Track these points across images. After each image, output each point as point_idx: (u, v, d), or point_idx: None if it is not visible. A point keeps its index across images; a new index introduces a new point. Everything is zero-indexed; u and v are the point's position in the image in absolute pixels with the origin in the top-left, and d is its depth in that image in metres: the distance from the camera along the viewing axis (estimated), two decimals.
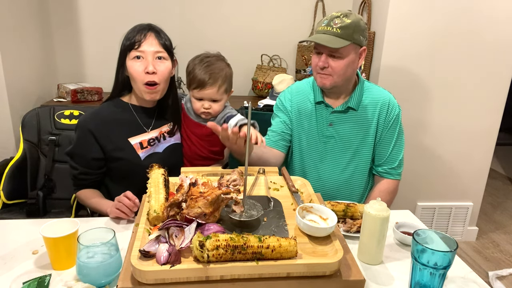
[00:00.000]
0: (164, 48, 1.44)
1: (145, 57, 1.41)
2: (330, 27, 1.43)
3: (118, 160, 1.47)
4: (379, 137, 1.58)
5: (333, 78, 1.47)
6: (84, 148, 1.45)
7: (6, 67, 2.17)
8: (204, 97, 1.54)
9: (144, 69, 1.40)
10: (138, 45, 1.40)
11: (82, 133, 1.44)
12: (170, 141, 1.58)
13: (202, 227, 0.95)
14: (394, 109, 1.58)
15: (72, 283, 0.94)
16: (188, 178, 1.04)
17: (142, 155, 1.49)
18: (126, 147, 1.47)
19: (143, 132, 1.52)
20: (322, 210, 1.07)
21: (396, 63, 2.36)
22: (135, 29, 1.44)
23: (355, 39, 1.42)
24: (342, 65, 1.45)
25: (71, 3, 2.69)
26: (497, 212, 3.27)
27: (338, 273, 0.89)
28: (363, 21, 1.47)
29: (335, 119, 1.58)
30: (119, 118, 1.49)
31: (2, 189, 1.82)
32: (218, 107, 1.57)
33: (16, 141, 2.25)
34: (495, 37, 2.35)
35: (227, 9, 2.84)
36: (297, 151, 1.65)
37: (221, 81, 1.52)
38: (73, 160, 1.47)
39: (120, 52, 1.45)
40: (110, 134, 1.46)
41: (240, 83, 2.99)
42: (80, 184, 1.49)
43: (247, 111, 2.03)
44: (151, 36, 1.43)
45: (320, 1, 2.90)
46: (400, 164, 1.61)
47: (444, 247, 0.95)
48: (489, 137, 2.57)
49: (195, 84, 1.52)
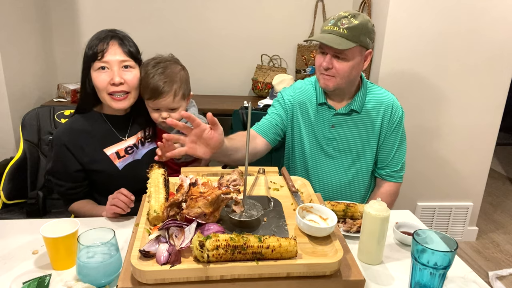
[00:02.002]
0: (129, 56, 1.36)
1: (110, 67, 1.33)
2: (337, 27, 1.39)
3: (95, 173, 1.42)
4: (382, 140, 1.56)
5: (337, 79, 1.44)
6: (64, 162, 1.39)
7: (6, 67, 2.17)
8: (159, 107, 1.43)
9: (109, 80, 1.33)
10: (101, 55, 1.31)
11: (58, 148, 1.39)
12: (148, 147, 1.50)
13: (202, 227, 0.95)
14: (398, 112, 1.55)
15: (72, 283, 0.94)
16: (188, 178, 1.04)
17: (119, 165, 1.42)
18: (101, 159, 1.41)
19: (118, 141, 1.45)
20: (322, 210, 1.07)
21: (396, 63, 2.36)
22: (97, 37, 1.35)
23: (362, 41, 1.39)
24: (347, 67, 1.42)
25: (71, 3, 2.69)
26: (497, 212, 3.27)
27: (338, 273, 0.89)
28: (371, 23, 1.43)
29: (337, 121, 1.56)
30: (92, 129, 1.42)
31: (2, 189, 1.82)
32: (178, 115, 1.44)
33: (16, 141, 2.25)
34: (495, 37, 2.35)
35: (227, 9, 2.84)
36: (298, 152, 1.64)
37: (177, 88, 1.41)
38: (56, 178, 1.42)
39: (83, 62, 1.37)
40: (84, 146, 1.40)
41: (240, 83, 2.99)
42: (70, 199, 1.45)
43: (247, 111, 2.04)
44: (115, 45, 1.34)
45: (320, 1, 2.90)
46: (402, 167, 1.60)
47: (444, 247, 0.95)
48: (489, 137, 2.57)
49: (148, 95, 1.40)
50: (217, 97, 2.88)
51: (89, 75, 1.36)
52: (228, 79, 2.98)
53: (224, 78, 2.96)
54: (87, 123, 1.43)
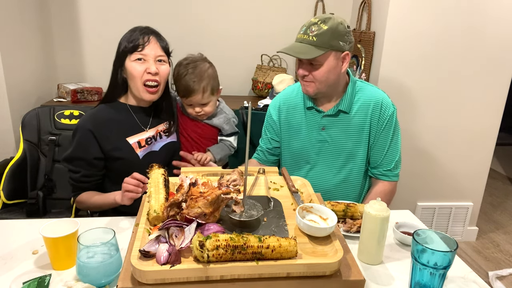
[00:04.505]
0: (164, 52, 1.49)
1: (147, 59, 1.44)
2: (307, 35, 1.40)
3: (117, 160, 1.48)
4: (373, 139, 1.54)
5: (316, 84, 1.46)
6: (85, 149, 1.45)
7: (6, 67, 2.17)
8: (192, 103, 1.62)
9: (145, 69, 1.43)
10: (142, 48, 1.43)
11: (82, 134, 1.45)
12: (166, 140, 1.60)
13: (202, 227, 0.95)
14: (388, 109, 1.52)
15: (72, 283, 0.94)
16: (188, 178, 1.04)
17: (140, 154, 1.51)
18: (124, 146, 1.48)
19: (141, 131, 1.53)
20: (322, 210, 1.07)
21: (396, 63, 2.36)
22: (136, 31, 1.45)
23: (333, 46, 1.39)
24: (322, 72, 1.43)
25: (71, 3, 2.69)
26: (497, 212, 3.27)
27: (338, 273, 0.89)
28: (344, 25, 1.41)
29: (327, 123, 1.55)
30: (117, 118, 1.50)
31: (2, 189, 1.82)
32: (209, 108, 1.65)
33: (16, 141, 2.25)
34: (495, 37, 2.35)
35: (227, 9, 2.84)
36: (288, 157, 1.65)
37: (205, 85, 1.58)
38: (73, 164, 1.47)
39: (118, 54, 1.47)
40: (108, 134, 1.47)
41: (240, 83, 2.99)
42: (80, 187, 1.49)
43: (247, 111, 2.04)
44: (153, 40, 1.46)
45: (320, 1, 2.90)
46: (397, 165, 1.58)
47: (444, 247, 0.95)
48: (489, 137, 2.57)
49: (181, 93, 1.61)
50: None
51: (123, 66, 1.46)
52: (228, 79, 2.96)
53: (224, 78, 2.92)
54: (112, 111, 1.51)
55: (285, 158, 1.67)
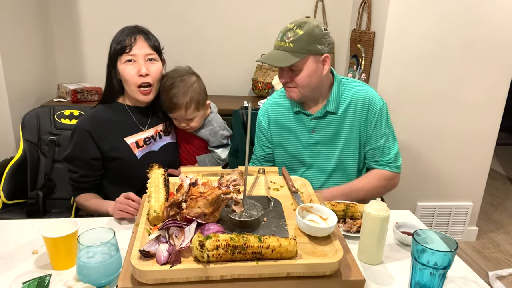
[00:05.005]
0: (154, 50, 1.48)
1: (137, 60, 1.44)
2: (284, 42, 1.40)
3: (115, 160, 1.49)
4: (365, 135, 1.54)
5: (299, 90, 1.46)
6: (83, 149, 1.46)
7: (6, 67, 2.17)
8: (176, 118, 1.59)
9: (137, 72, 1.43)
10: (129, 48, 1.43)
11: (80, 134, 1.46)
12: (165, 140, 1.60)
13: (202, 227, 0.95)
14: (376, 104, 1.51)
15: (72, 283, 0.94)
16: (188, 178, 1.04)
17: (138, 154, 1.51)
18: (122, 146, 1.49)
19: (139, 131, 1.54)
20: (322, 210, 1.07)
21: (396, 63, 2.36)
22: (123, 32, 1.45)
23: (310, 50, 1.38)
24: (303, 77, 1.42)
25: (71, 3, 2.69)
26: (497, 212, 3.27)
27: (338, 273, 0.89)
28: (320, 28, 1.40)
29: (316, 126, 1.55)
30: (115, 118, 1.51)
31: (2, 189, 1.82)
32: (195, 124, 1.61)
33: (16, 141, 2.25)
34: (495, 37, 2.35)
35: (227, 9, 2.84)
36: (282, 161, 1.64)
37: (188, 101, 1.53)
38: (72, 164, 1.48)
39: (110, 56, 1.47)
40: (106, 134, 1.47)
41: (240, 83, 2.99)
42: (79, 187, 1.50)
43: (247, 111, 2.04)
44: (141, 39, 1.45)
45: (320, 1, 2.90)
46: (397, 157, 1.56)
47: (444, 247, 0.95)
48: (489, 137, 2.57)
49: (165, 108, 1.57)
50: (217, 97, 2.87)
51: (116, 68, 1.46)
52: (228, 79, 2.98)
53: (224, 78, 2.96)
54: (110, 112, 1.52)
55: (280, 163, 1.67)
